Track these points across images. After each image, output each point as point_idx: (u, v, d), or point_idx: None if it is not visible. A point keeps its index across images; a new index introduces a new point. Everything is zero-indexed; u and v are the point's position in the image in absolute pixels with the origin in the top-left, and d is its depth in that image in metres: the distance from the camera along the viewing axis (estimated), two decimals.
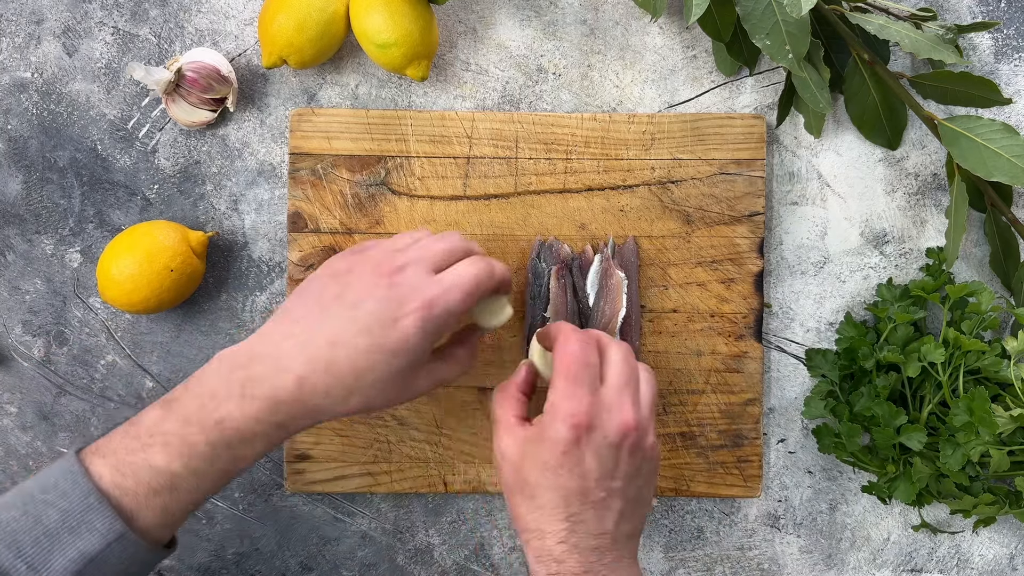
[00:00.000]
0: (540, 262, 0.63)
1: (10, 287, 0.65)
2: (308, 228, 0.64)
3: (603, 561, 0.50)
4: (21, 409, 0.66)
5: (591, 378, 0.51)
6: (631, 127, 0.65)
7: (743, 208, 0.64)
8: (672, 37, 0.66)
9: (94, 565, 0.46)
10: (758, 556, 0.67)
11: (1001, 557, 0.67)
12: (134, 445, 0.48)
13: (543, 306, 0.63)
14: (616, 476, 0.51)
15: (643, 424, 0.52)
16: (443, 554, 0.66)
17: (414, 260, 0.52)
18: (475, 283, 0.52)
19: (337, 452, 0.64)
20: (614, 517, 0.51)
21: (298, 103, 0.66)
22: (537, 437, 0.51)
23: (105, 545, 0.46)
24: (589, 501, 0.50)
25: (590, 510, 0.50)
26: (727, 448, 0.65)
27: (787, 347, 0.67)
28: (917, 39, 0.60)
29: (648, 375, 0.54)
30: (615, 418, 0.51)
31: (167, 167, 0.66)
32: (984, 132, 0.59)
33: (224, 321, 0.66)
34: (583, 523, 0.50)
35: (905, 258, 0.66)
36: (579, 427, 0.50)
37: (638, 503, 0.53)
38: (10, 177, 0.65)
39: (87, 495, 0.46)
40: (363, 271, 0.52)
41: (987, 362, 0.60)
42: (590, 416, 0.50)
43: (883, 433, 0.60)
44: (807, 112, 0.65)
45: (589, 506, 0.50)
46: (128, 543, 0.46)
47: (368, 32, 0.61)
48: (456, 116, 0.64)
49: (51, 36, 0.65)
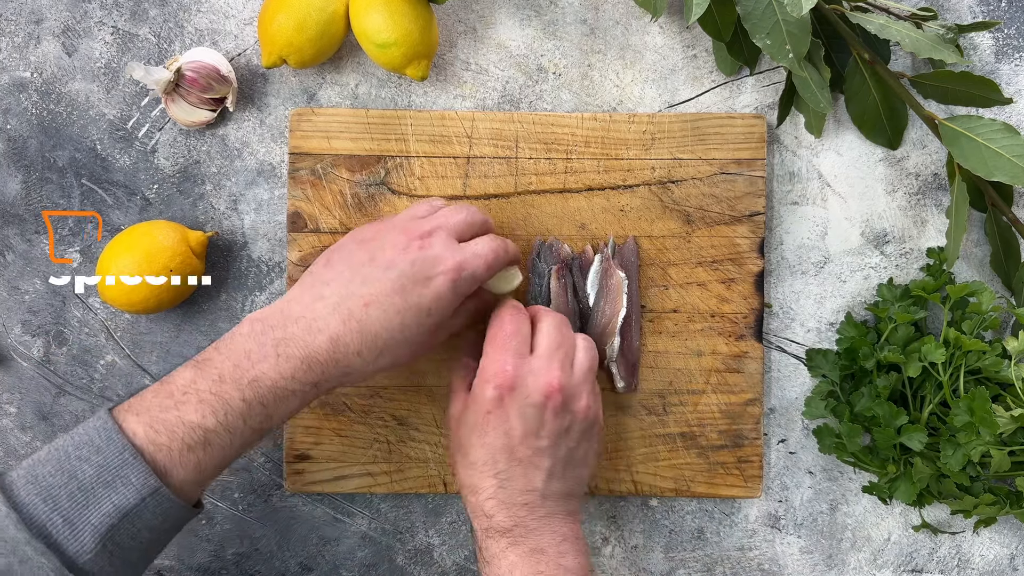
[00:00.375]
0: (540, 262, 0.63)
1: (10, 287, 0.65)
2: (308, 228, 0.64)
3: (533, 515, 0.53)
4: (21, 409, 0.65)
5: (518, 345, 0.55)
6: (631, 127, 0.64)
7: (743, 208, 0.64)
8: (672, 37, 0.66)
9: (128, 520, 0.47)
10: (758, 557, 0.66)
11: (1002, 557, 0.67)
12: (167, 403, 0.49)
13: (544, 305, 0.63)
14: (541, 435, 0.54)
15: (570, 387, 0.55)
16: (443, 554, 0.66)
17: (439, 227, 0.55)
18: (495, 256, 0.55)
19: (337, 452, 0.64)
20: (542, 475, 0.54)
21: (298, 103, 0.66)
22: (470, 401, 0.55)
23: (140, 500, 0.47)
24: (515, 459, 0.54)
25: (517, 467, 0.54)
26: (727, 448, 0.64)
27: (787, 347, 0.66)
28: (918, 39, 0.60)
29: (585, 343, 0.57)
30: (540, 380, 0.54)
31: (167, 167, 0.65)
32: (985, 132, 0.59)
33: (223, 321, 0.65)
34: (511, 479, 0.54)
35: (906, 258, 0.66)
36: (502, 387, 0.53)
37: (570, 463, 0.55)
38: (10, 177, 0.65)
39: (122, 451, 0.47)
40: (392, 236, 0.54)
41: (988, 362, 0.60)
42: (513, 378, 0.53)
43: (884, 433, 0.60)
44: (807, 112, 0.65)
45: (515, 463, 0.54)
46: (162, 498, 0.47)
47: (368, 32, 0.61)
48: (456, 116, 0.64)
49: (51, 36, 0.65)
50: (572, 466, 0.55)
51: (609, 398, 0.64)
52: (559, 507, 0.55)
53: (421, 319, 0.52)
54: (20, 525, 0.45)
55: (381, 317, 0.51)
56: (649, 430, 0.64)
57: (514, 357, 0.54)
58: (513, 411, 0.53)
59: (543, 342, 0.55)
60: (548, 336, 0.56)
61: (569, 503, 0.56)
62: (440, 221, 0.55)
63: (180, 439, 0.48)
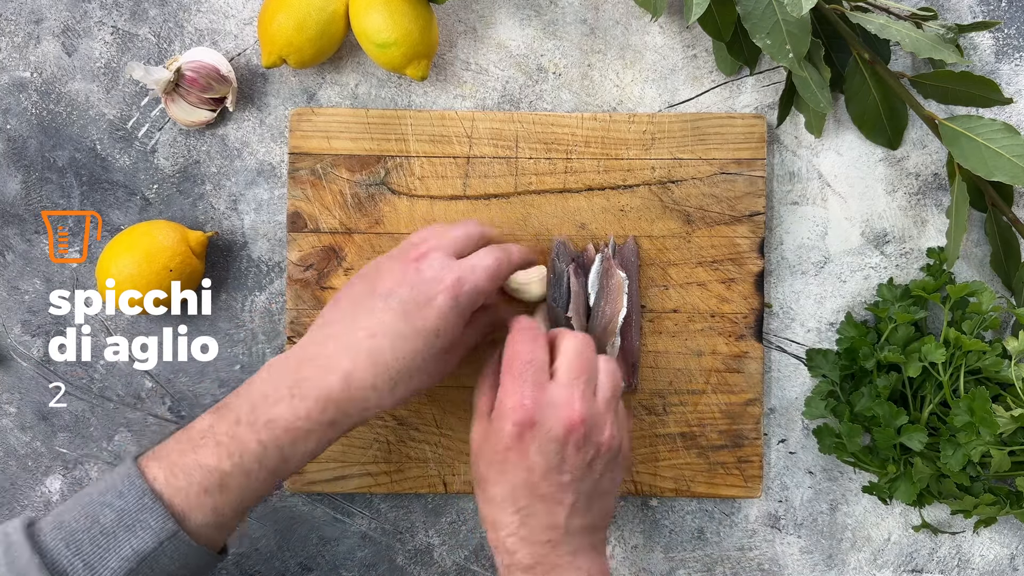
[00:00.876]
0: (559, 262, 0.63)
1: (10, 287, 0.65)
2: (308, 228, 0.64)
3: (556, 552, 0.51)
4: (20, 409, 0.65)
5: (535, 374, 0.52)
6: (631, 127, 0.64)
7: (743, 208, 0.64)
8: (672, 36, 0.66)
9: (147, 564, 0.47)
10: (758, 557, 0.66)
11: (1002, 557, 0.67)
12: (186, 447, 0.49)
13: (564, 305, 0.63)
14: (563, 471, 0.51)
15: (593, 417, 0.52)
16: (443, 554, 0.66)
17: (435, 247, 0.54)
18: (497, 265, 0.54)
19: (337, 452, 0.64)
20: (565, 511, 0.51)
21: (298, 103, 0.66)
22: (490, 432, 0.53)
23: (158, 544, 0.47)
24: (537, 495, 0.51)
25: (539, 504, 0.51)
26: (727, 448, 0.64)
27: (787, 347, 0.66)
28: (918, 38, 0.60)
29: (608, 366, 0.55)
30: (560, 413, 0.51)
31: (166, 167, 0.65)
32: (985, 132, 0.59)
33: (224, 321, 0.65)
34: (533, 516, 0.51)
35: (906, 258, 0.66)
36: (521, 424, 0.51)
37: (594, 496, 0.53)
38: (10, 177, 0.65)
39: (142, 495, 0.47)
40: (388, 265, 0.54)
41: (988, 362, 0.60)
42: (532, 412, 0.51)
43: (884, 433, 0.60)
44: (808, 112, 0.65)
45: (538, 500, 0.51)
46: (180, 543, 0.47)
47: (368, 31, 0.61)
48: (456, 116, 0.64)
49: (50, 36, 0.65)
50: (597, 498, 0.53)
51: None
52: (583, 541, 0.52)
53: (431, 342, 0.51)
54: (42, 569, 0.45)
55: (389, 346, 0.50)
56: (649, 430, 0.64)
57: (532, 388, 0.51)
58: (533, 447, 0.51)
59: (563, 368, 0.53)
60: (568, 362, 0.53)
61: (594, 536, 0.53)
62: (434, 242, 0.54)
63: (197, 483, 0.48)
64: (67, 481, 0.65)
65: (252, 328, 0.65)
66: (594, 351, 0.55)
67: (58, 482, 0.65)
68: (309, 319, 0.64)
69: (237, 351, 0.65)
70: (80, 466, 0.65)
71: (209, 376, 0.65)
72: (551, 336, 0.55)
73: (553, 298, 0.63)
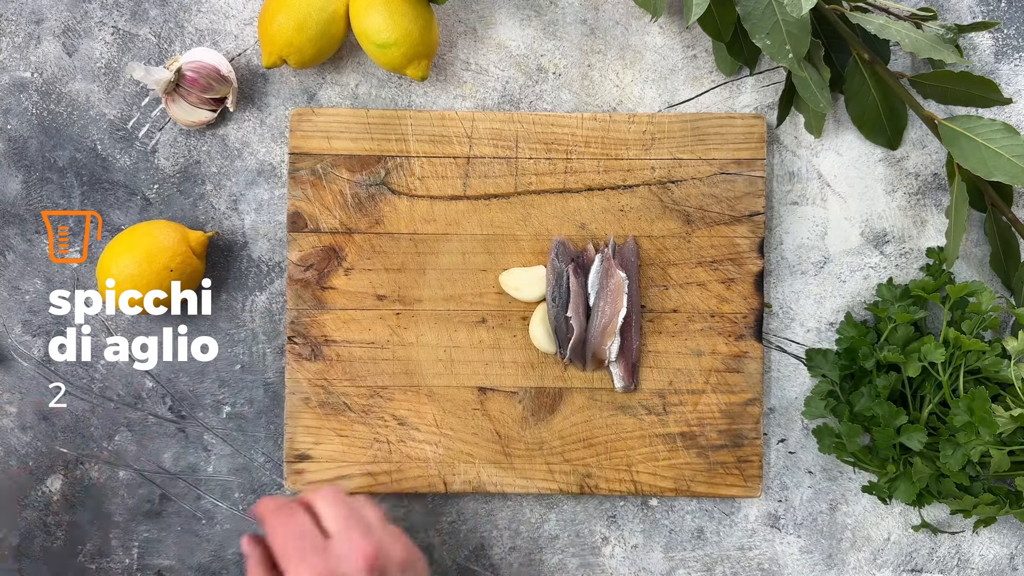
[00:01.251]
0: (559, 261, 0.63)
1: (10, 287, 0.65)
2: (308, 228, 0.64)
3: None
4: (21, 409, 0.65)
5: (312, 541, 0.53)
6: (631, 127, 0.65)
7: (743, 208, 0.64)
8: (672, 37, 0.66)
9: None
10: (758, 556, 0.67)
11: (1001, 557, 0.67)
12: None
13: (563, 305, 0.63)
14: None
15: (381, 547, 0.54)
16: (443, 554, 0.66)
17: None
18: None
19: (337, 452, 0.64)
20: None
21: (298, 103, 0.66)
22: None
23: None
24: None
25: None
26: (727, 448, 0.65)
27: (787, 347, 0.66)
28: (917, 39, 0.60)
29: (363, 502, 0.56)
30: (353, 557, 0.53)
31: (167, 167, 0.65)
32: (984, 132, 0.59)
33: (224, 321, 0.65)
34: None
35: (905, 258, 0.66)
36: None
37: None
38: (10, 177, 0.65)
39: None
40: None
41: (987, 362, 0.60)
42: (328, 572, 0.52)
43: (883, 433, 0.60)
44: (807, 112, 0.65)
45: None
46: None
47: (368, 32, 0.61)
48: (456, 116, 0.64)
49: (51, 36, 0.65)
50: None
51: (609, 398, 0.64)
52: None
53: None
54: None
55: None
56: (649, 430, 0.64)
57: (317, 555, 0.53)
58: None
59: (331, 521, 0.55)
60: (334, 514, 0.55)
61: None
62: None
63: None
64: (67, 481, 0.65)
65: (252, 328, 0.65)
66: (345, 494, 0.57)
67: (58, 482, 0.65)
68: (309, 319, 0.64)
69: (237, 351, 0.65)
70: (80, 466, 0.65)
71: (209, 376, 0.65)
72: (301, 502, 0.56)
73: (553, 298, 0.63)
